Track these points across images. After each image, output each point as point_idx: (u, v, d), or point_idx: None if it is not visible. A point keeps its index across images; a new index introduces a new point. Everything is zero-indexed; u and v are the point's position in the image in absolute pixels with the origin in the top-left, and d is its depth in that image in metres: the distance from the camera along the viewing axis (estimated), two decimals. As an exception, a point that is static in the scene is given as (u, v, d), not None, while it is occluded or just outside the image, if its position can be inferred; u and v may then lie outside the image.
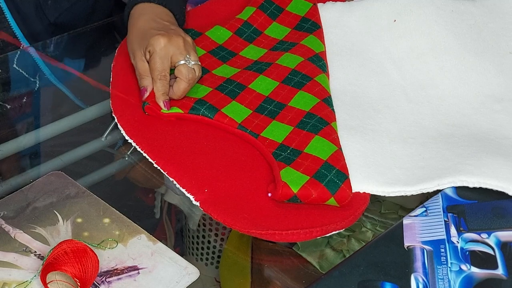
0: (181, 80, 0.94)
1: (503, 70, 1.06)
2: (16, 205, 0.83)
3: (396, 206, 0.90)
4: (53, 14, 1.17)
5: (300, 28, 1.12)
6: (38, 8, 1.15)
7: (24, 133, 1.01)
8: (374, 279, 0.73)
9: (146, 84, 0.95)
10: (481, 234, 0.79)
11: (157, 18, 1.02)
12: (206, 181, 0.86)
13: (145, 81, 0.95)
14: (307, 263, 0.84)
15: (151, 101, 0.94)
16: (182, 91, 0.95)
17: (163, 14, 1.04)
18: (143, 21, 1.01)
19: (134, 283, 0.75)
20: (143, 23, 1.01)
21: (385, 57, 1.07)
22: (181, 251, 0.84)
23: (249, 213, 0.82)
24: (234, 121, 0.93)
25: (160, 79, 0.94)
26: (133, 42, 0.99)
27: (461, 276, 0.74)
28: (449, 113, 0.99)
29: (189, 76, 0.95)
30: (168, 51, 0.95)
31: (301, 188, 0.82)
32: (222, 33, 1.11)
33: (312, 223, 0.81)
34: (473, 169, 0.86)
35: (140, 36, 0.99)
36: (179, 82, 0.94)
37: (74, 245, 0.74)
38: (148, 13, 1.02)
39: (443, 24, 1.09)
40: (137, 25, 1.01)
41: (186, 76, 0.94)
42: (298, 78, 0.99)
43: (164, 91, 0.94)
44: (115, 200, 0.85)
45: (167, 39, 0.95)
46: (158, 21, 1.01)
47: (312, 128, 0.91)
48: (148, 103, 0.94)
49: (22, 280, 0.74)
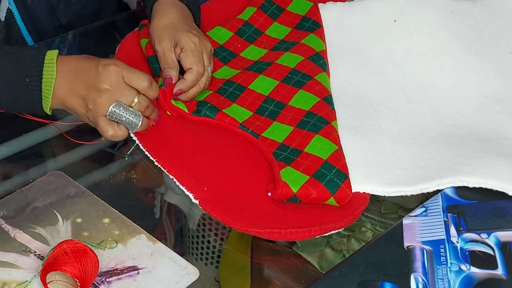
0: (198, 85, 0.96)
1: (503, 71, 1.06)
2: (16, 205, 0.83)
3: (396, 206, 0.90)
4: (65, 16, 1.18)
5: (301, 27, 1.12)
6: (51, 11, 1.16)
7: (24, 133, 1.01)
8: (374, 279, 0.73)
9: (173, 75, 0.95)
10: (481, 234, 0.79)
11: (187, 18, 1.03)
12: (205, 180, 0.86)
13: (173, 71, 0.96)
14: (307, 263, 0.84)
15: (169, 86, 0.94)
16: (193, 94, 0.96)
17: (190, 16, 1.04)
18: (175, 14, 1.01)
19: (134, 283, 0.75)
20: (175, 16, 1.01)
21: (385, 57, 1.07)
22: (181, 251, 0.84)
23: (248, 212, 0.82)
24: (236, 120, 0.93)
25: (196, 73, 0.95)
26: (162, 31, 0.99)
27: (461, 276, 0.74)
28: (449, 114, 0.99)
29: (206, 84, 0.96)
30: (201, 50, 0.96)
31: (301, 187, 0.82)
32: (223, 34, 1.11)
33: (312, 222, 0.81)
34: (473, 169, 0.86)
35: (170, 27, 0.99)
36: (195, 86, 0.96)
37: (74, 245, 0.74)
38: (178, 9, 1.02)
39: (443, 24, 1.09)
40: (168, 15, 1.01)
41: (204, 83, 0.96)
42: (298, 77, 0.99)
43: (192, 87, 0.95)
44: (115, 200, 0.85)
45: (199, 40, 0.96)
46: (189, 21, 1.02)
47: (312, 127, 0.91)
48: (165, 85, 0.94)
49: (22, 280, 0.75)
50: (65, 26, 1.19)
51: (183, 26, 0.98)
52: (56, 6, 1.16)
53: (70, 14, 1.18)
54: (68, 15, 1.18)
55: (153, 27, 1.01)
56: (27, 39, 1.16)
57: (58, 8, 1.16)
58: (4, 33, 1.14)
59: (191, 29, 0.99)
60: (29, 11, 1.14)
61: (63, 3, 1.16)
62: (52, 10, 1.16)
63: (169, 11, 1.01)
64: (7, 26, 1.13)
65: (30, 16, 1.14)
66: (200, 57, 0.95)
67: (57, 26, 1.18)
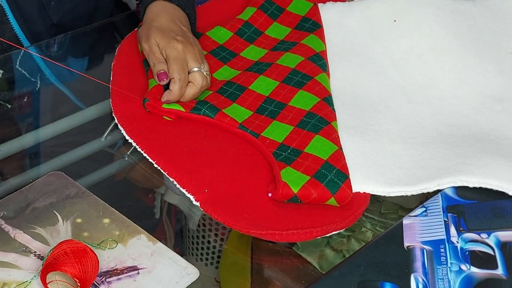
0: (194, 85, 0.96)
1: (503, 70, 1.06)
2: (16, 205, 0.83)
3: (396, 206, 0.90)
4: (56, 15, 1.17)
5: (301, 28, 1.12)
6: (42, 9, 1.15)
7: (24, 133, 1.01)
8: (374, 279, 0.73)
9: (164, 68, 0.96)
10: (481, 234, 0.79)
11: (177, 21, 1.03)
12: (206, 181, 0.86)
13: (163, 65, 0.96)
14: (307, 263, 0.84)
15: (152, 97, 0.94)
16: (191, 95, 0.96)
17: (182, 18, 1.05)
18: (165, 19, 1.02)
19: (134, 283, 0.75)
20: (165, 21, 1.01)
21: (385, 57, 1.07)
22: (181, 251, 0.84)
23: (249, 213, 0.82)
24: (235, 120, 0.93)
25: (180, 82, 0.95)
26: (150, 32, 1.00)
27: (461, 276, 0.74)
28: (449, 113, 0.99)
29: (202, 84, 0.96)
30: (185, 57, 0.96)
31: (301, 188, 0.82)
32: (222, 34, 1.11)
33: (313, 223, 0.81)
34: (473, 169, 0.86)
35: (158, 31, 0.99)
36: (191, 86, 0.96)
37: (74, 245, 0.74)
38: (169, 13, 1.03)
39: (443, 24, 1.09)
40: (158, 20, 1.02)
41: (200, 83, 0.96)
42: (298, 77, 0.99)
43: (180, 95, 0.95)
44: (115, 200, 0.85)
45: (183, 46, 0.97)
46: (178, 24, 1.02)
47: (312, 128, 0.91)
48: (148, 99, 0.94)
49: (22, 280, 0.74)
50: (57, 25, 1.18)
51: (169, 33, 0.99)
52: (47, 4, 1.15)
53: (62, 13, 1.17)
54: (60, 14, 1.17)
55: (141, 30, 1.03)
56: (20, 38, 1.15)
57: (49, 6, 1.16)
58: None
59: (177, 34, 0.99)
60: (20, 8, 1.13)
61: (54, 1, 1.16)
62: (43, 8, 1.15)
63: (158, 16, 1.02)
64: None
65: (21, 14, 1.14)
66: (182, 64, 0.96)
67: (49, 25, 1.18)
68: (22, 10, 1.14)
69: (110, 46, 1.15)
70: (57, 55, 1.16)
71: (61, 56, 1.17)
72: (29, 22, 1.15)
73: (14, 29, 1.14)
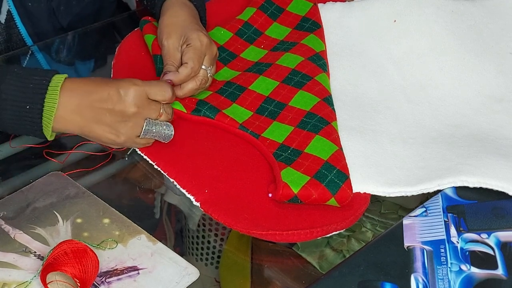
0: (195, 81, 0.95)
1: (503, 71, 1.06)
2: (16, 205, 0.83)
3: (396, 206, 0.90)
4: (66, 19, 1.18)
5: (301, 28, 1.12)
6: (51, 14, 1.16)
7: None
8: (374, 279, 0.73)
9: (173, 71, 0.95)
10: (481, 234, 0.79)
11: (195, 17, 1.03)
12: (206, 182, 0.86)
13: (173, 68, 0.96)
14: (307, 263, 0.84)
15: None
16: (188, 90, 0.95)
17: (197, 17, 1.05)
18: (185, 13, 1.01)
19: (134, 283, 0.75)
20: (186, 16, 1.01)
21: (385, 57, 1.07)
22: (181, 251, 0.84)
23: (249, 213, 0.82)
24: (235, 121, 0.93)
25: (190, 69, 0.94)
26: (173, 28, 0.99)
27: (461, 276, 0.74)
28: (449, 114, 0.99)
29: (202, 82, 0.96)
30: (204, 52, 0.96)
31: (302, 188, 0.82)
32: (222, 34, 1.11)
33: (313, 224, 0.81)
34: (473, 169, 0.86)
35: (181, 26, 0.99)
36: (192, 81, 0.95)
37: (74, 246, 0.74)
38: (188, 11, 1.02)
39: (443, 25, 1.09)
40: (180, 13, 1.01)
41: (200, 80, 0.96)
42: (298, 77, 0.99)
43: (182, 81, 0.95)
44: (115, 200, 0.85)
45: (208, 41, 0.97)
46: (198, 21, 1.02)
47: (312, 128, 0.91)
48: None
49: (22, 281, 0.74)
50: (65, 28, 1.19)
51: (194, 25, 0.99)
52: (57, 9, 1.16)
53: (70, 16, 1.18)
54: (69, 17, 1.18)
55: (164, 24, 1.01)
56: (27, 41, 1.16)
57: (58, 11, 1.16)
58: (5, 35, 1.14)
59: (202, 29, 0.99)
60: (29, 13, 1.14)
61: (63, 6, 1.16)
62: (52, 13, 1.16)
63: (181, 10, 1.02)
64: (7, 29, 1.13)
65: (30, 18, 1.14)
66: (200, 56, 0.95)
67: (58, 28, 1.18)
68: (31, 15, 1.14)
69: (110, 46, 1.15)
70: (57, 55, 1.17)
71: (61, 56, 1.17)
72: (38, 26, 1.16)
73: (21, 33, 1.14)
